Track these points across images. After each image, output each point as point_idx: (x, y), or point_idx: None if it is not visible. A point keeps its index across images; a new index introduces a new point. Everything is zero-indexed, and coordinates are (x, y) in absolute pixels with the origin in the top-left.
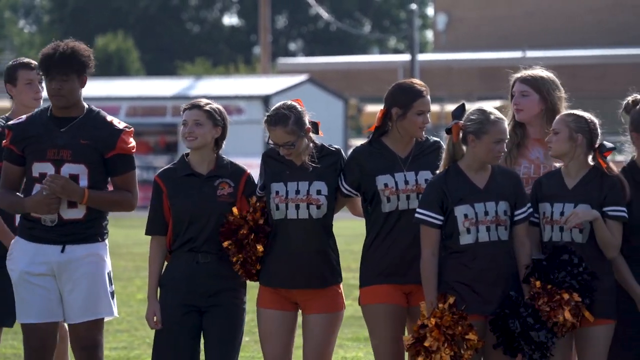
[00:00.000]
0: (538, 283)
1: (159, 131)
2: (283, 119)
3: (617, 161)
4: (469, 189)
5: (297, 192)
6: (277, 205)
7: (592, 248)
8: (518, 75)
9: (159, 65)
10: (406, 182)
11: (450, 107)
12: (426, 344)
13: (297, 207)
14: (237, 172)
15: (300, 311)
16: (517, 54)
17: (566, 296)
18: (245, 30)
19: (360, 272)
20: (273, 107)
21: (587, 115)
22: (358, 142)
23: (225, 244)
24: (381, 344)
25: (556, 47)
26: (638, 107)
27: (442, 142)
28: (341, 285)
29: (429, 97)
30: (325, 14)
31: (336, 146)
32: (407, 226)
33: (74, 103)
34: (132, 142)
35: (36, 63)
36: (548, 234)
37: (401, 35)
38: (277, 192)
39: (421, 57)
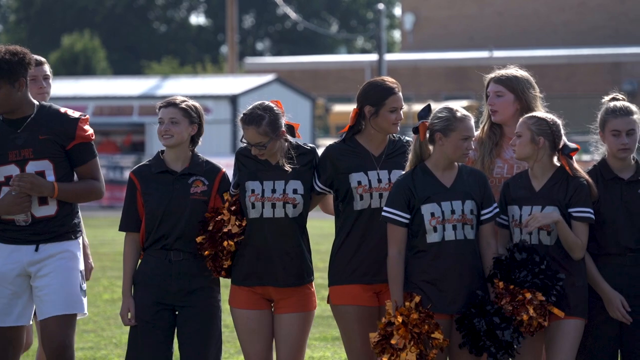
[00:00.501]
0: (501, 284)
1: (126, 130)
2: (257, 119)
3: (583, 161)
4: (435, 188)
5: (274, 191)
6: (252, 204)
7: (561, 249)
8: (492, 75)
9: (125, 64)
10: (379, 181)
11: (418, 107)
12: (392, 341)
13: (274, 205)
14: (212, 171)
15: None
16: (484, 54)
17: (529, 295)
18: (212, 29)
19: (331, 269)
20: (251, 106)
21: (549, 117)
22: (326, 141)
23: (199, 239)
24: (354, 346)
25: (524, 46)
26: (606, 107)
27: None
28: (313, 284)
29: (400, 93)
30: (292, 14)
31: (311, 145)
32: (378, 224)
33: (17, 107)
34: (90, 130)
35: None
36: (517, 237)
37: (369, 35)
38: (252, 191)
39: (388, 56)
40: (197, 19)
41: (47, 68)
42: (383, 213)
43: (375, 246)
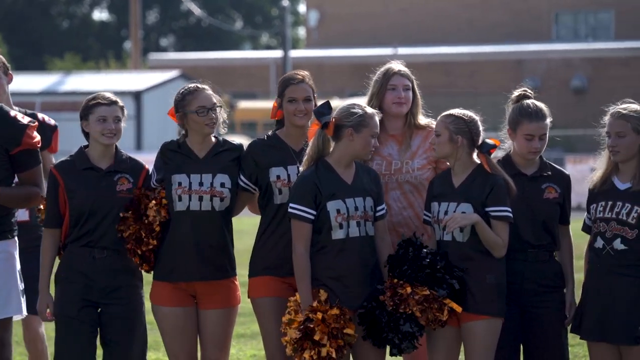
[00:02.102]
0: (389, 280)
1: None
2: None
3: (494, 157)
4: (339, 184)
5: (201, 184)
6: (179, 196)
7: (473, 246)
8: (396, 69)
9: (27, 60)
10: (298, 175)
11: None
12: (316, 337)
13: (201, 199)
14: (137, 168)
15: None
16: (388, 51)
17: (409, 289)
18: (115, 25)
19: (250, 262)
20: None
21: (466, 114)
22: (231, 138)
23: (122, 213)
24: (270, 337)
25: (428, 44)
26: (516, 104)
27: None
28: (237, 279)
29: (304, 85)
30: (197, 10)
31: (238, 142)
32: None
33: None
34: (37, 137)
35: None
36: (437, 233)
37: (273, 32)
38: (179, 183)
39: (293, 53)
40: (100, 14)
41: None
42: (289, 209)
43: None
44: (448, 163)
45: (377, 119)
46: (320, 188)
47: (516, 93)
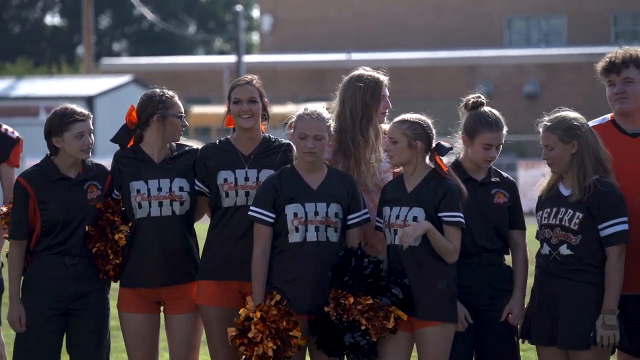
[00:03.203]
0: (333, 291)
1: None
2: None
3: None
4: (301, 189)
5: (160, 189)
6: (139, 204)
7: (425, 251)
8: (385, 82)
9: None
10: (246, 179)
11: (277, 109)
12: (250, 334)
13: (161, 204)
14: (103, 173)
15: (163, 312)
16: (342, 56)
17: (351, 300)
18: (68, 30)
19: (199, 265)
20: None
21: (421, 118)
22: (185, 142)
23: (88, 227)
24: (215, 344)
25: (383, 49)
26: (474, 111)
27: (292, 145)
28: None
29: (249, 86)
30: (149, 14)
31: (195, 146)
32: (244, 222)
33: None
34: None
35: None
36: (389, 238)
37: (227, 37)
38: (138, 190)
39: (247, 58)
40: (53, 19)
41: None
42: (249, 212)
43: (240, 243)
44: (400, 169)
45: (307, 119)
46: (280, 192)
47: (471, 99)
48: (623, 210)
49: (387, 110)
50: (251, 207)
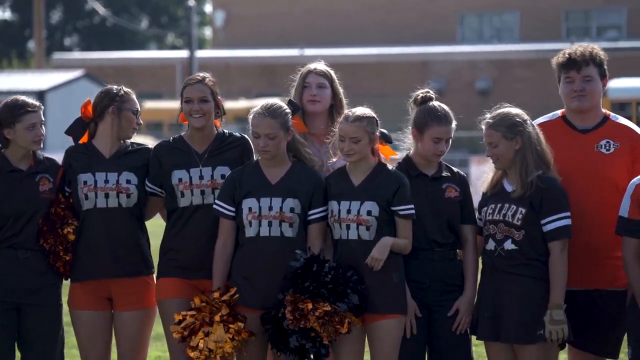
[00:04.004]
0: (289, 295)
1: None
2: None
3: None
4: (258, 183)
5: (107, 181)
6: (85, 195)
7: None
8: (312, 67)
9: None
10: (201, 177)
11: (229, 104)
12: (188, 321)
13: (107, 195)
14: (54, 167)
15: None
16: (295, 52)
17: (310, 306)
18: (18, 24)
19: (158, 265)
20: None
21: (370, 112)
22: (137, 139)
23: (41, 222)
24: (174, 340)
25: (335, 45)
26: (423, 106)
27: (248, 139)
28: (154, 277)
29: (201, 85)
30: (101, 9)
31: (148, 144)
32: (201, 221)
33: None
34: None
35: None
36: (337, 232)
37: (179, 32)
38: (85, 182)
39: (200, 53)
40: (3, 13)
41: None
42: (214, 205)
43: (198, 243)
44: (349, 163)
45: (258, 118)
46: (239, 186)
47: (420, 94)
48: (565, 205)
49: (314, 98)
50: (215, 201)
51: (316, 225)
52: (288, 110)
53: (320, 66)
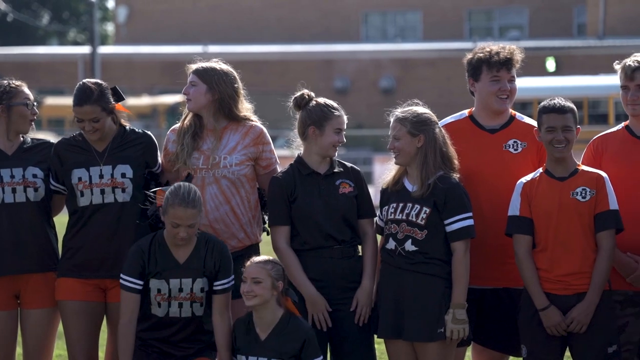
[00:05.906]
0: None
1: None
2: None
3: (283, 157)
4: (167, 264)
5: (12, 176)
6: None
7: None
8: (194, 66)
9: None
10: (101, 176)
11: (132, 101)
12: None
13: (14, 190)
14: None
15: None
16: (198, 49)
17: None
18: None
19: (59, 263)
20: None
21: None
22: (38, 135)
23: None
24: (73, 340)
25: (239, 42)
26: (313, 104)
27: (152, 135)
28: None
29: (88, 107)
30: (2, 4)
31: (50, 139)
32: (101, 221)
33: None
34: None
35: None
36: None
37: (81, 28)
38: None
39: (102, 49)
40: None
41: None
42: (120, 280)
43: (97, 243)
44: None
45: (179, 209)
46: (147, 263)
47: (304, 95)
48: (468, 206)
49: (187, 96)
50: (121, 275)
51: (223, 296)
52: (200, 195)
53: (201, 64)
